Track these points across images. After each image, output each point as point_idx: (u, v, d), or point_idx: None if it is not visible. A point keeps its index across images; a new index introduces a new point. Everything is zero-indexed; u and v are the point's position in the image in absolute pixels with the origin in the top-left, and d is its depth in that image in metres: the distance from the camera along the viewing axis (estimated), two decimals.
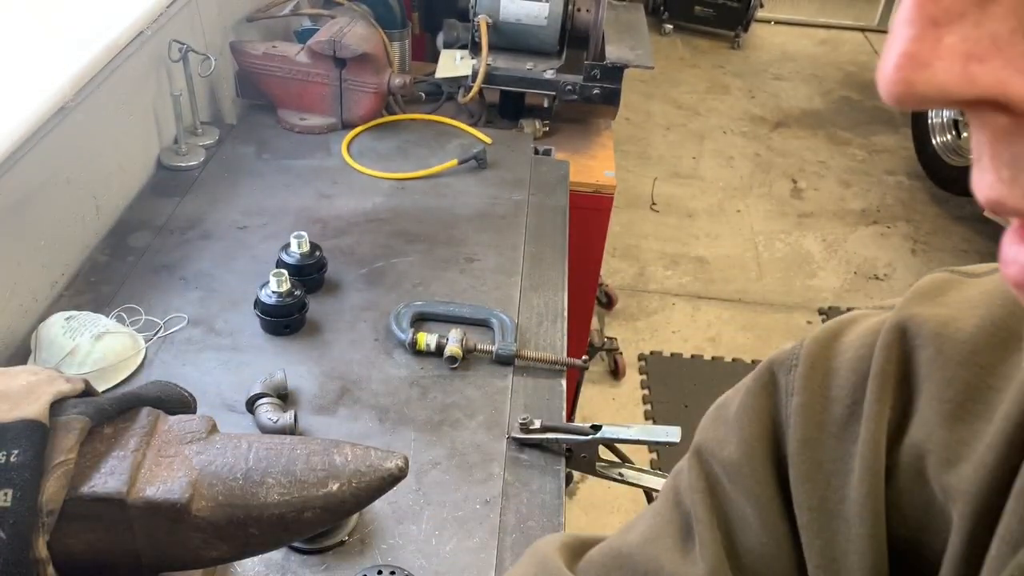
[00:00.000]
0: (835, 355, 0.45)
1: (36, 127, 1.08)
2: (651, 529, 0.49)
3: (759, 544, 0.45)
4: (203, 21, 1.53)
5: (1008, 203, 0.23)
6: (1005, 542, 0.35)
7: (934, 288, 0.43)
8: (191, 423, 0.70)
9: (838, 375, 0.44)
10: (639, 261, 3.11)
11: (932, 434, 0.39)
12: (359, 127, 1.59)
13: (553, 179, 1.53)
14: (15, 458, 0.60)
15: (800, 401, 0.44)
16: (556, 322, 1.19)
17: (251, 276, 1.20)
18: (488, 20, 1.64)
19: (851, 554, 0.42)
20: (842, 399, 0.43)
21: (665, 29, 4.72)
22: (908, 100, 0.22)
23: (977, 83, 0.21)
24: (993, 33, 0.21)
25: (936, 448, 0.39)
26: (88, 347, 1.01)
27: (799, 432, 0.44)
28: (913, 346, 0.41)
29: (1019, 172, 0.23)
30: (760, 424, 0.45)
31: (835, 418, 0.43)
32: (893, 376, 0.41)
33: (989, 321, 0.39)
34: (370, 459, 0.68)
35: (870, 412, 0.41)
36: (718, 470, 0.46)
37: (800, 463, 0.43)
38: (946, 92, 0.21)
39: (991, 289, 0.40)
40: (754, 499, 0.45)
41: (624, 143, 3.70)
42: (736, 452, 0.45)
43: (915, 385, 0.41)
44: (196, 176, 1.43)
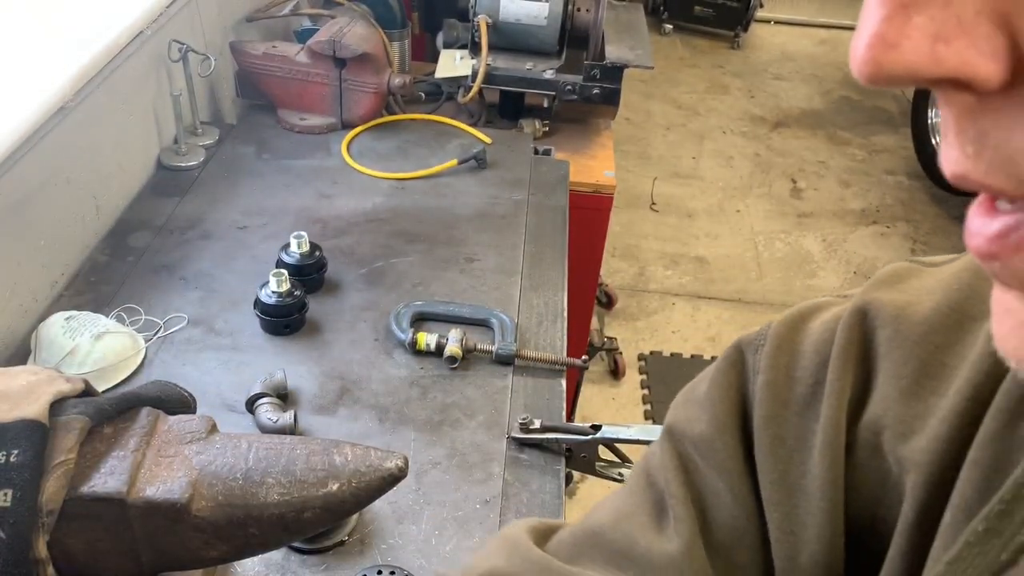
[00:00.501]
0: (801, 338, 0.46)
1: (36, 127, 1.08)
2: (623, 507, 0.50)
3: (731, 518, 0.46)
4: (203, 21, 1.53)
5: (972, 177, 0.24)
6: (960, 510, 0.36)
7: (894, 276, 0.45)
8: (191, 423, 0.70)
9: (803, 356, 0.46)
10: (639, 261, 3.11)
11: (889, 409, 0.41)
12: (359, 127, 1.59)
13: (553, 179, 1.53)
14: (15, 458, 0.60)
15: (765, 379, 0.46)
16: (556, 322, 1.19)
17: (251, 276, 1.20)
18: (488, 20, 1.64)
19: (810, 527, 0.43)
20: (805, 379, 0.45)
21: (665, 29, 4.72)
22: (878, 79, 0.23)
23: (943, 63, 0.22)
24: (959, 15, 0.22)
25: (893, 423, 0.41)
26: (88, 347, 1.01)
27: (763, 408, 0.45)
28: (873, 327, 0.43)
29: (982, 148, 0.24)
30: (729, 401, 0.47)
31: (798, 396, 0.45)
32: (854, 356, 0.43)
33: (945, 304, 0.41)
34: (370, 459, 0.68)
35: (831, 390, 0.43)
36: (690, 448, 0.48)
37: (764, 438, 0.45)
38: (914, 71, 0.22)
39: (947, 276, 0.42)
40: (726, 473, 0.46)
41: (624, 143, 3.70)
42: (707, 428, 0.47)
43: (874, 364, 0.43)
44: (196, 176, 1.43)
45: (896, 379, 0.41)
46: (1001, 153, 0.23)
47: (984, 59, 0.22)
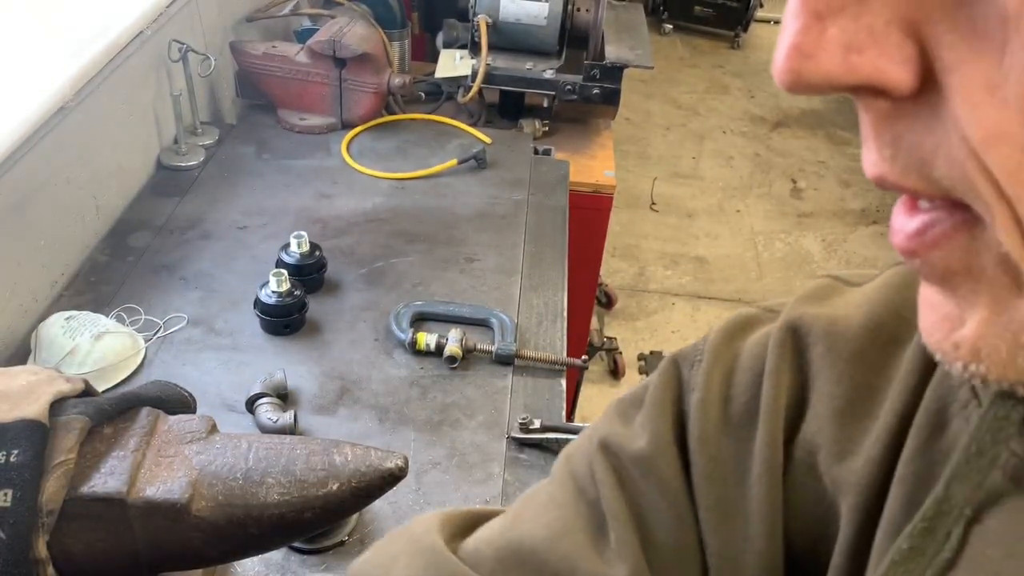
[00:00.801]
0: (736, 353, 0.45)
1: (36, 127, 1.09)
2: (557, 522, 0.46)
3: (674, 540, 0.44)
4: (203, 21, 1.53)
5: (889, 179, 0.25)
6: (888, 529, 0.36)
7: (820, 292, 0.45)
8: (191, 423, 0.70)
9: (738, 373, 0.45)
10: (639, 261, 3.11)
11: (823, 429, 0.41)
12: (359, 127, 1.59)
13: (553, 179, 1.53)
14: (15, 458, 0.60)
15: (700, 397, 0.45)
16: (556, 322, 1.19)
17: (251, 276, 1.20)
18: (488, 20, 1.64)
19: (749, 553, 0.42)
20: (741, 397, 0.44)
21: (665, 29, 4.72)
22: (798, 87, 0.24)
23: (857, 71, 0.23)
24: (870, 25, 0.23)
25: (827, 443, 0.40)
26: (88, 347, 1.01)
27: (698, 428, 0.44)
28: (805, 344, 0.43)
29: (898, 151, 0.25)
30: (668, 418, 0.45)
31: (734, 415, 0.44)
32: (787, 374, 0.42)
33: (872, 322, 0.41)
34: (370, 459, 0.68)
35: (766, 410, 0.42)
36: (629, 465, 0.45)
37: (699, 460, 0.44)
38: (830, 80, 0.23)
39: (870, 293, 0.42)
40: (669, 492, 0.44)
41: (624, 143, 3.70)
42: (647, 447, 0.45)
43: (808, 382, 0.42)
44: (196, 176, 1.43)
45: (829, 399, 0.41)
46: (914, 156, 0.24)
47: (895, 66, 0.23)
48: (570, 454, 0.49)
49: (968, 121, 0.22)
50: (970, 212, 0.24)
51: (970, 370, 0.27)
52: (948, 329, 0.27)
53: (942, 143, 0.23)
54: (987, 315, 0.26)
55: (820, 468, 0.41)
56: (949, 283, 0.26)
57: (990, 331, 0.26)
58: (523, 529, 0.46)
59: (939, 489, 0.33)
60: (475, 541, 0.47)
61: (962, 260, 0.25)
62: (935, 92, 0.23)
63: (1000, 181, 0.22)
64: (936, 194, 0.25)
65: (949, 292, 0.27)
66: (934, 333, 0.28)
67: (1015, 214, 0.23)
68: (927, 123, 0.24)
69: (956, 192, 0.24)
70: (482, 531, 0.48)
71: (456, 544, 0.47)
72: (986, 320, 0.26)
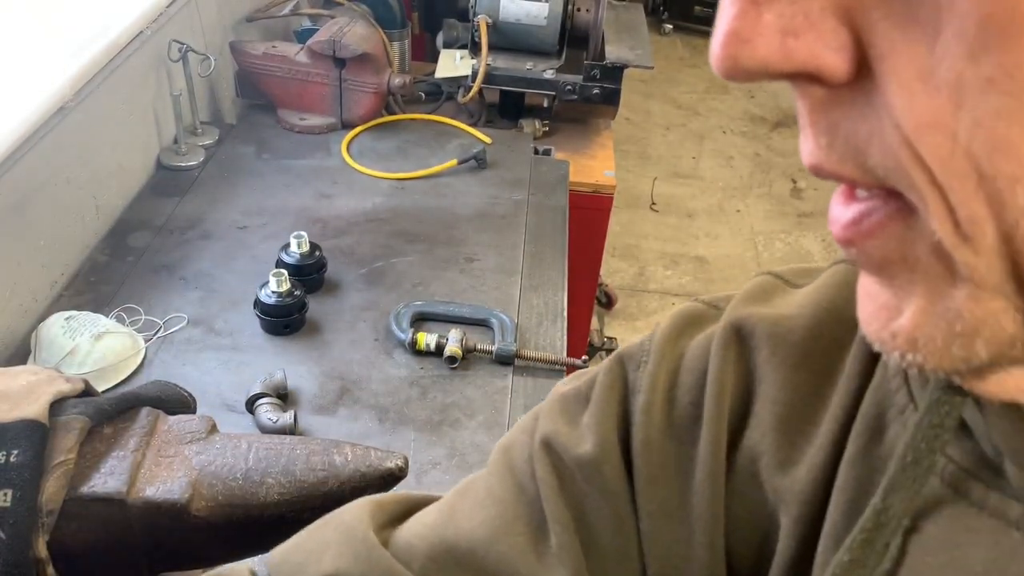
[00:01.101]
0: (682, 353, 0.44)
1: (36, 127, 1.09)
2: (496, 521, 0.45)
3: (616, 545, 0.43)
4: (203, 21, 1.53)
5: (825, 167, 0.25)
6: (830, 539, 0.36)
7: (762, 291, 0.44)
8: (191, 423, 0.70)
9: (682, 374, 0.44)
10: (639, 261, 3.11)
11: (766, 437, 0.40)
12: (359, 127, 1.59)
13: (553, 179, 1.53)
14: (15, 458, 0.60)
15: (644, 400, 0.43)
16: (556, 322, 1.19)
17: (251, 276, 1.20)
18: (488, 20, 1.64)
19: (692, 561, 0.41)
20: (684, 401, 0.43)
21: (665, 29, 4.72)
22: (735, 74, 0.24)
23: (793, 57, 0.23)
24: (806, 11, 0.22)
25: (769, 451, 0.40)
26: (88, 347, 1.01)
27: (641, 433, 0.43)
28: (749, 347, 0.42)
29: (834, 139, 0.24)
30: (613, 421, 0.44)
31: (677, 419, 0.43)
32: (731, 377, 0.42)
33: (815, 325, 0.40)
34: (370, 459, 0.68)
35: (710, 415, 0.41)
36: (572, 466, 0.44)
37: (642, 466, 0.43)
38: (767, 66, 0.23)
39: (812, 294, 0.42)
40: (612, 496, 0.43)
41: (624, 143, 3.70)
42: (592, 450, 0.44)
43: (752, 387, 0.41)
44: (196, 176, 1.43)
45: (772, 405, 0.40)
46: (850, 144, 0.24)
47: (831, 52, 0.23)
48: (508, 446, 0.48)
49: (901, 109, 0.22)
50: (904, 201, 0.24)
51: (907, 359, 0.26)
52: (886, 319, 0.27)
53: (876, 131, 0.23)
54: (923, 304, 0.25)
55: (762, 476, 0.40)
56: (886, 272, 0.26)
57: (926, 320, 0.25)
58: (460, 526, 0.45)
59: (877, 499, 0.33)
60: (408, 534, 0.46)
61: (897, 249, 0.25)
62: (870, 80, 0.23)
63: (933, 169, 0.22)
64: (871, 183, 0.25)
65: (886, 282, 0.27)
66: (872, 323, 0.28)
67: (947, 203, 0.23)
68: (862, 111, 0.23)
69: (890, 180, 0.24)
70: (416, 523, 0.47)
71: (388, 534, 0.46)
72: (922, 309, 0.25)
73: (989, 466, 0.31)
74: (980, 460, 0.32)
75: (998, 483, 0.31)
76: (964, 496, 0.32)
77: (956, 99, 0.21)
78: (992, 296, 0.24)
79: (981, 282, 0.23)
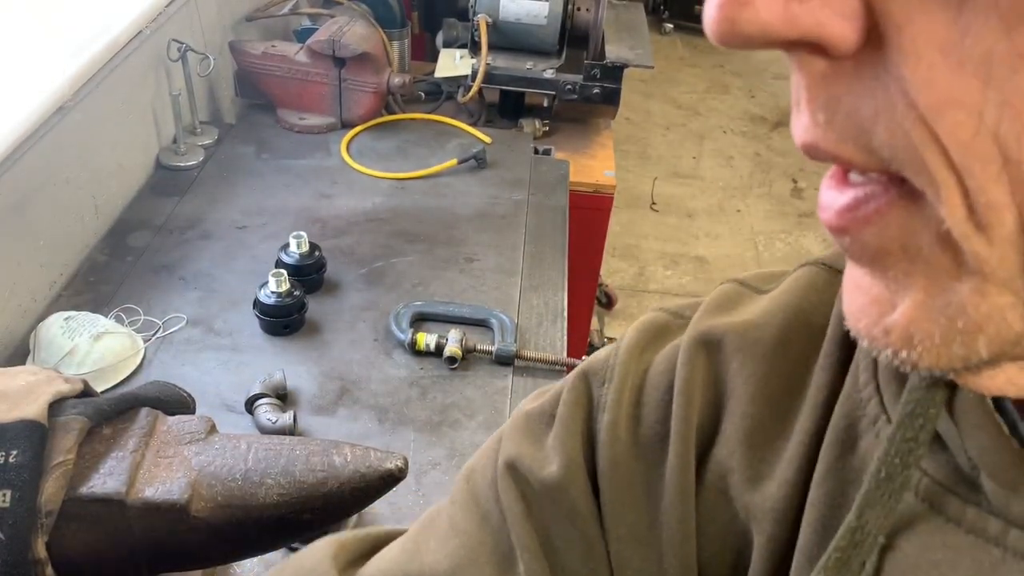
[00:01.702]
0: (647, 368, 0.42)
1: (35, 127, 1.08)
2: (460, 552, 0.43)
3: (585, 571, 0.42)
4: (202, 21, 1.53)
5: (822, 147, 0.23)
6: (803, 556, 0.35)
7: (727, 300, 0.42)
8: (190, 423, 0.70)
9: (647, 391, 0.42)
10: (639, 261, 3.11)
11: (735, 452, 0.38)
12: (358, 127, 1.59)
13: (553, 179, 1.53)
14: (14, 459, 0.60)
15: (610, 419, 0.41)
16: (556, 322, 1.19)
17: (250, 276, 1.20)
18: (488, 19, 1.63)
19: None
20: (650, 417, 0.41)
21: (665, 28, 4.72)
22: (732, 39, 0.22)
23: (797, 22, 0.21)
24: None
25: (739, 467, 0.38)
26: (87, 347, 1.00)
27: (608, 453, 0.41)
28: (716, 360, 0.40)
29: (834, 115, 0.23)
30: (579, 441, 0.42)
31: (643, 437, 0.41)
32: (698, 391, 0.40)
33: (783, 333, 0.39)
34: (369, 460, 0.68)
35: (677, 432, 0.40)
36: (538, 490, 0.42)
37: (608, 488, 0.41)
38: (768, 31, 0.21)
39: (779, 300, 0.40)
40: (580, 520, 0.41)
41: (624, 143, 3.70)
42: (558, 473, 0.42)
43: (721, 400, 0.40)
44: (195, 176, 1.43)
45: (742, 419, 0.38)
46: (853, 121, 0.22)
47: (838, 20, 0.21)
48: (471, 471, 0.46)
49: (917, 85, 0.20)
50: (907, 186, 0.22)
51: (900, 357, 0.25)
52: (877, 313, 0.25)
53: (884, 108, 0.21)
54: (921, 298, 0.24)
55: (732, 493, 0.38)
56: (880, 263, 0.24)
57: (924, 315, 0.24)
58: (423, 561, 0.43)
59: (851, 517, 0.31)
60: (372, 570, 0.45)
61: (897, 239, 0.23)
62: (879, 51, 0.21)
63: (950, 151, 0.21)
64: (873, 165, 0.23)
65: (879, 273, 0.25)
66: (862, 318, 0.26)
67: (964, 188, 0.21)
68: (868, 85, 0.22)
69: (896, 163, 0.22)
70: (379, 560, 0.46)
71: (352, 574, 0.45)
72: (920, 303, 0.24)
73: (965, 480, 0.30)
74: (955, 474, 0.30)
75: (975, 498, 0.30)
76: (940, 512, 0.30)
77: (983, 75, 0.19)
78: (1000, 291, 0.22)
79: (990, 275, 0.22)
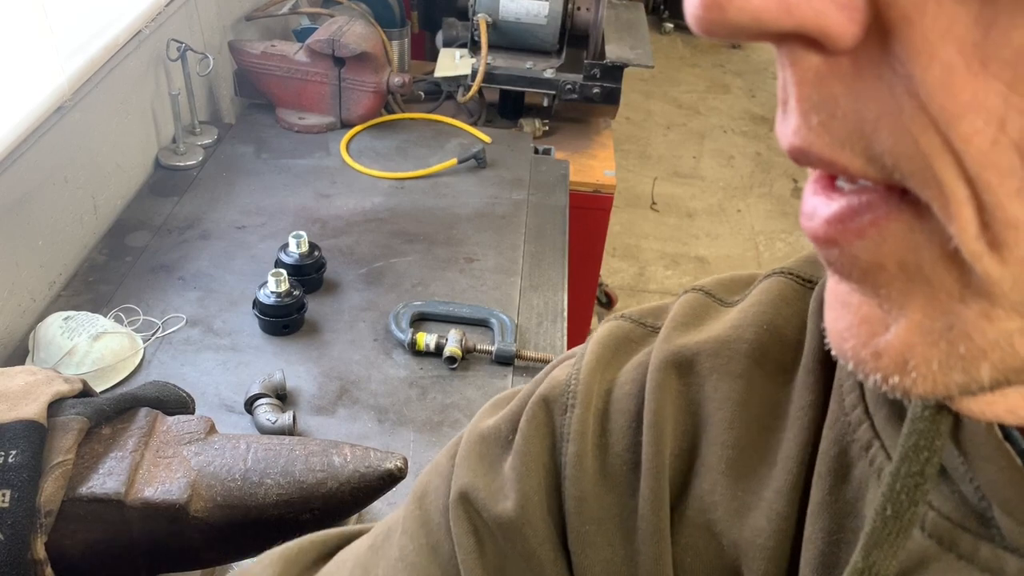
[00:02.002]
0: (610, 389, 0.40)
1: (34, 126, 1.08)
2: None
3: None
4: (201, 20, 1.53)
5: (815, 151, 0.21)
6: None
7: (693, 314, 0.40)
8: (189, 423, 0.70)
9: (613, 417, 0.39)
10: (639, 261, 3.11)
11: (718, 485, 0.36)
12: (358, 126, 1.59)
13: (553, 179, 1.53)
14: (13, 459, 0.60)
15: (575, 451, 0.38)
16: (556, 322, 1.19)
17: (250, 276, 1.20)
18: (488, 19, 1.63)
19: None
20: (618, 447, 0.38)
21: (665, 28, 4.72)
22: (719, 28, 0.19)
23: (793, 13, 0.19)
24: None
25: (724, 500, 0.36)
26: (86, 347, 1.00)
27: (574, 487, 0.38)
28: (688, 383, 0.37)
29: (830, 118, 0.20)
30: (538, 475, 0.39)
31: (612, 468, 0.38)
32: (670, 421, 0.37)
33: (758, 350, 0.36)
34: (369, 460, 0.68)
35: (648, 467, 0.37)
36: (492, 526, 0.40)
37: (577, 524, 0.38)
38: (760, 21, 0.19)
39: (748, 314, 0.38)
40: (535, 561, 0.39)
41: (624, 142, 3.69)
42: (513, 510, 0.39)
43: (696, 429, 0.37)
44: (194, 176, 1.43)
45: (722, 448, 0.36)
46: (851, 125, 0.20)
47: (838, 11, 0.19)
48: (424, 493, 0.44)
49: (929, 86, 0.18)
50: (910, 196, 0.20)
51: (892, 383, 0.22)
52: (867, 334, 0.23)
53: (888, 111, 0.19)
54: (919, 319, 0.21)
55: (717, 528, 0.36)
56: (872, 280, 0.22)
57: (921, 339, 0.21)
58: None
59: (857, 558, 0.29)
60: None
61: (894, 254, 0.21)
62: (883, 47, 0.19)
63: (965, 162, 0.18)
64: (873, 174, 0.20)
65: (870, 290, 0.22)
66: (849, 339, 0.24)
67: (979, 203, 0.19)
68: (870, 85, 0.19)
69: (899, 172, 0.20)
70: None
71: None
72: (917, 325, 0.21)
73: (974, 513, 0.28)
74: (963, 507, 0.28)
75: (987, 533, 0.28)
76: (951, 549, 0.28)
77: (1009, 77, 0.17)
78: (1009, 315, 0.20)
79: (1000, 298, 0.20)
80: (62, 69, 1.14)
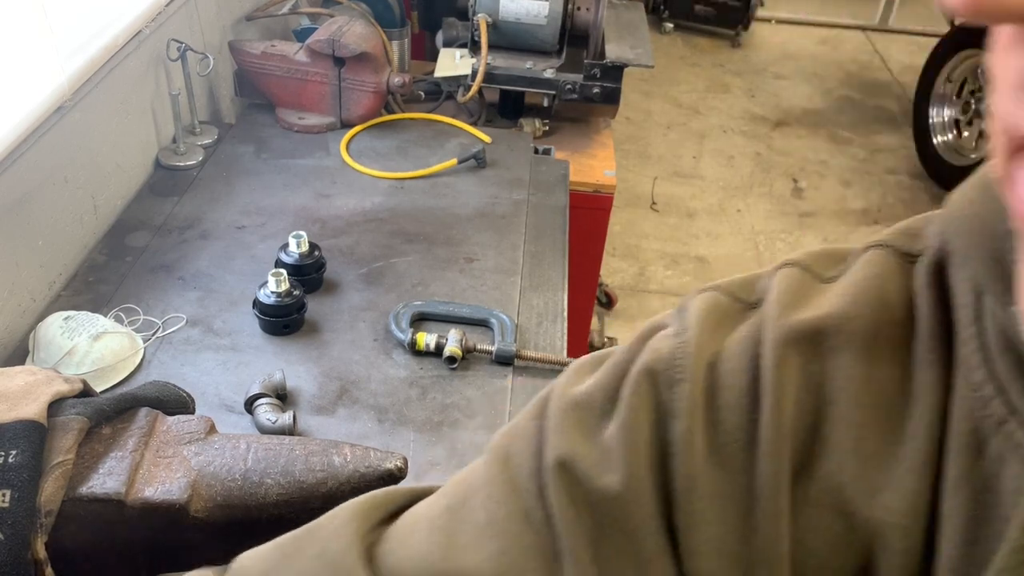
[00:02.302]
0: (715, 366, 0.39)
1: (34, 126, 1.08)
2: (502, 559, 0.40)
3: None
4: (201, 20, 1.53)
5: None
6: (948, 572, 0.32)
7: (798, 291, 0.39)
8: (189, 423, 0.70)
9: (722, 393, 0.38)
10: (639, 261, 3.11)
11: (846, 464, 0.35)
12: (358, 126, 1.59)
13: (553, 178, 1.53)
14: (13, 459, 0.60)
15: (685, 427, 0.38)
16: (556, 322, 1.19)
17: (250, 276, 1.20)
18: (488, 19, 1.63)
19: None
20: (729, 423, 0.38)
21: (665, 28, 4.72)
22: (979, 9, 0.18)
23: None
24: None
25: (852, 479, 0.35)
26: (86, 347, 1.00)
27: (684, 467, 0.37)
28: (810, 361, 0.37)
29: None
30: (645, 449, 0.38)
31: (723, 446, 0.37)
32: (791, 398, 0.36)
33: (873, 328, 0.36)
34: (369, 460, 0.68)
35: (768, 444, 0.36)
36: (594, 499, 0.39)
37: (686, 502, 0.37)
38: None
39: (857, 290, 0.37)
40: (638, 538, 0.38)
41: (624, 142, 3.69)
42: (620, 485, 0.38)
43: (820, 407, 0.36)
44: (194, 176, 1.43)
45: (848, 427, 0.35)
46: None
47: None
48: (507, 455, 0.42)
49: None
50: None
51: None
52: None
53: None
54: None
55: (849, 508, 0.35)
56: None
57: None
58: (459, 561, 0.40)
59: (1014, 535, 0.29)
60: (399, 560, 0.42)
61: None
62: None
63: None
64: None
65: None
66: None
67: None
68: None
69: None
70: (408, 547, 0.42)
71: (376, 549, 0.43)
72: None
73: None
74: None
75: None
76: None
77: None
78: None
79: None
80: (62, 69, 1.14)
